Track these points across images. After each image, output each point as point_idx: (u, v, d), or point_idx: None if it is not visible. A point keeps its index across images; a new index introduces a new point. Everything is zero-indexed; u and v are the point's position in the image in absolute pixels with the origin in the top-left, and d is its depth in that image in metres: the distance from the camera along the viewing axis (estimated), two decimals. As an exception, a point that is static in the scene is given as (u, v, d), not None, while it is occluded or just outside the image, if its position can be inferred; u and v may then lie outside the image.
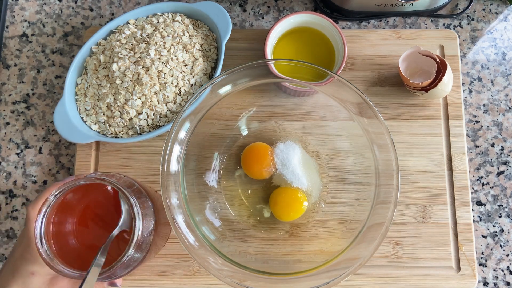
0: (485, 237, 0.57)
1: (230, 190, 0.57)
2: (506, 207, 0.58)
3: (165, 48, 0.56)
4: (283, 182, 0.55)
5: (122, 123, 0.56)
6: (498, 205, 0.58)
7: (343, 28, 0.64)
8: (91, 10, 0.66)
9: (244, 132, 0.58)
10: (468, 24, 0.64)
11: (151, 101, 0.55)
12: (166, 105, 0.55)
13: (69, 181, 0.42)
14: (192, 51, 0.57)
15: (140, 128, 0.56)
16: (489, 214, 0.58)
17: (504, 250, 0.57)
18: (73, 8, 0.66)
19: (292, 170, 0.54)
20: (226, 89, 0.52)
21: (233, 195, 0.57)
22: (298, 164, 0.54)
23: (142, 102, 0.55)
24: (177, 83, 0.56)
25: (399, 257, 0.55)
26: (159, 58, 0.55)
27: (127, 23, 0.59)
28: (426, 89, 0.55)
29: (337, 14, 0.64)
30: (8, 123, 0.62)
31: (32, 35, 0.65)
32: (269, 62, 0.52)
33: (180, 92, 0.56)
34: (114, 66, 0.55)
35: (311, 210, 0.56)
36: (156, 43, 0.56)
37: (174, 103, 0.56)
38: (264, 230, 0.55)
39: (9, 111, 0.62)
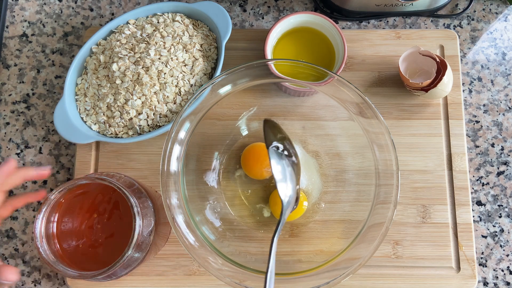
0: (485, 237, 0.57)
1: (230, 190, 0.57)
2: (506, 207, 0.58)
3: (165, 48, 0.56)
4: None
5: (122, 123, 0.56)
6: (498, 205, 0.58)
7: (343, 28, 0.64)
8: (91, 10, 0.66)
9: (244, 132, 0.58)
10: (468, 24, 0.64)
11: (151, 101, 0.55)
12: (166, 105, 0.55)
13: (69, 182, 0.42)
14: (192, 51, 0.57)
15: (140, 128, 0.56)
16: (489, 214, 0.58)
17: (504, 250, 0.57)
18: (73, 8, 0.66)
19: (292, 170, 0.54)
20: (226, 89, 0.52)
21: (233, 195, 0.57)
22: (298, 164, 0.54)
23: (142, 102, 0.55)
24: (177, 83, 0.56)
25: (399, 257, 0.55)
26: (159, 58, 0.55)
27: (127, 23, 0.59)
28: (426, 89, 0.55)
29: (337, 14, 0.64)
30: (8, 123, 0.62)
31: (32, 35, 0.65)
32: (269, 62, 0.52)
33: (180, 92, 0.56)
34: (114, 66, 0.55)
35: (311, 210, 0.56)
36: (156, 43, 0.56)
37: (174, 103, 0.56)
38: (264, 230, 0.55)
39: (9, 111, 0.62)
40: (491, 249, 0.57)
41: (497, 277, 0.56)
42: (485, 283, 0.56)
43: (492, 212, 0.58)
